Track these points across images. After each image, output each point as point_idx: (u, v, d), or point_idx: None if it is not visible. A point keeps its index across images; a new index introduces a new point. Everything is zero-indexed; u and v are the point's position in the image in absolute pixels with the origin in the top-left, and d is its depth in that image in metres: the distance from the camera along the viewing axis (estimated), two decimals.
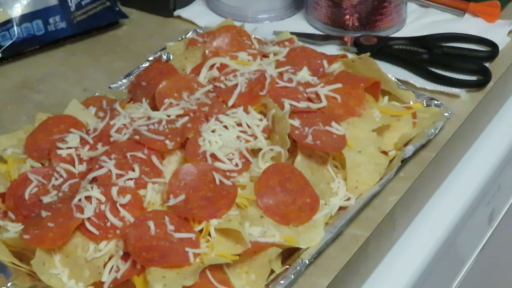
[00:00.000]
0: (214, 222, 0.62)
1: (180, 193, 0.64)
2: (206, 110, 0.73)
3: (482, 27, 0.98)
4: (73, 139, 0.71)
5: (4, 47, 0.93)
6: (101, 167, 0.66)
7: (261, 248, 0.61)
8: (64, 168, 0.68)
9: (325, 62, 0.83)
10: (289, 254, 0.63)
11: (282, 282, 0.60)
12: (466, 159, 0.85)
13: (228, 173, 0.67)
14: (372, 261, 0.70)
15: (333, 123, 0.72)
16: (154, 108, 0.75)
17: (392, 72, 0.85)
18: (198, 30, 0.95)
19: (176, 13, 1.04)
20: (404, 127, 0.77)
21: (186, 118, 0.72)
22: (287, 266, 0.62)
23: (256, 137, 0.71)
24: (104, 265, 0.60)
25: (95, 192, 0.63)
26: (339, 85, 0.77)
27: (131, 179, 0.65)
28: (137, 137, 0.69)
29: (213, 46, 0.84)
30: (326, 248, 0.64)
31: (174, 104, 0.74)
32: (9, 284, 0.60)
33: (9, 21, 0.93)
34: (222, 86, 0.77)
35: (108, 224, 0.61)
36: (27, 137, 0.73)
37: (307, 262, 0.62)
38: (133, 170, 0.66)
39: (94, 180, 0.66)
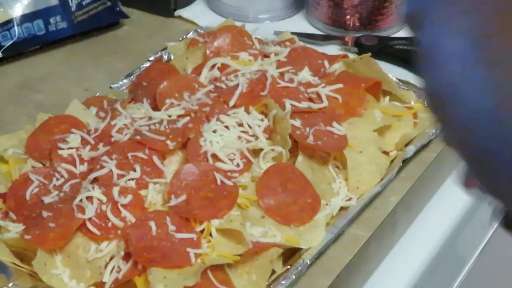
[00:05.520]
0: (215, 222, 0.62)
1: (181, 193, 0.64)
2: (207, 110, 0.73)
3: None
4: (74, 139, 0.71)
5: (5, 47, 0.93)
6: (102, 167, 0.66)
7: (263, 249, 0.61)
8: (65, 168, 0.68)
9: (326, 62, 0.82)
10: (290, 254, 0.63)
11: (283, 282, 0.60)
12: None
13: (229, 174, 0.67)
14: (373, 261, 0.70)
15: (334, 123, 0.72)
16: (155, 108, 0.75)
17: (393, 72, 0.85)
18: (199, 30, 0.95)
19: (177, 13, 1.04)
20: (405, 127, 0.77)
21: (187, 118, 0.72)
22: (289, 267, 0.62)
23: (257, 137, 0.71)
24: (106, 266, 0.60)
25: (96, 193, 0.63)
26: (340, 85, 0.77)
27: (132, 179, 0.65)
28: (138, 137, 0.69)
29: (214, 46, 0.84)
30: (327, 249, 0.64)
31: (175, 104, 0.74)
32: (10, 285, 0.60)
33: (10, 21, 0.93)
34: (223, 86, 0.77)
35: (109, 224, 0.61)
36: (28, 137, 0.73)
37: (308, 263, 0.62)
38: (134, 170, 0.66)
39: (95, 180, 0.66)
